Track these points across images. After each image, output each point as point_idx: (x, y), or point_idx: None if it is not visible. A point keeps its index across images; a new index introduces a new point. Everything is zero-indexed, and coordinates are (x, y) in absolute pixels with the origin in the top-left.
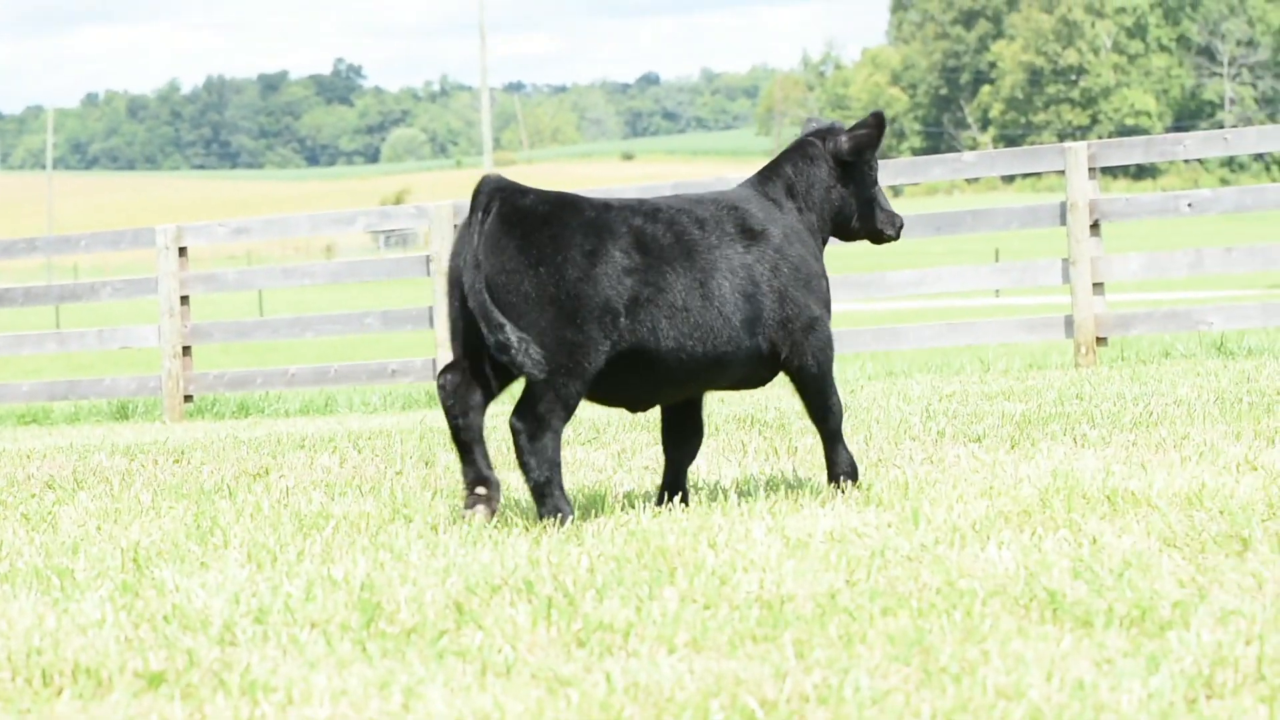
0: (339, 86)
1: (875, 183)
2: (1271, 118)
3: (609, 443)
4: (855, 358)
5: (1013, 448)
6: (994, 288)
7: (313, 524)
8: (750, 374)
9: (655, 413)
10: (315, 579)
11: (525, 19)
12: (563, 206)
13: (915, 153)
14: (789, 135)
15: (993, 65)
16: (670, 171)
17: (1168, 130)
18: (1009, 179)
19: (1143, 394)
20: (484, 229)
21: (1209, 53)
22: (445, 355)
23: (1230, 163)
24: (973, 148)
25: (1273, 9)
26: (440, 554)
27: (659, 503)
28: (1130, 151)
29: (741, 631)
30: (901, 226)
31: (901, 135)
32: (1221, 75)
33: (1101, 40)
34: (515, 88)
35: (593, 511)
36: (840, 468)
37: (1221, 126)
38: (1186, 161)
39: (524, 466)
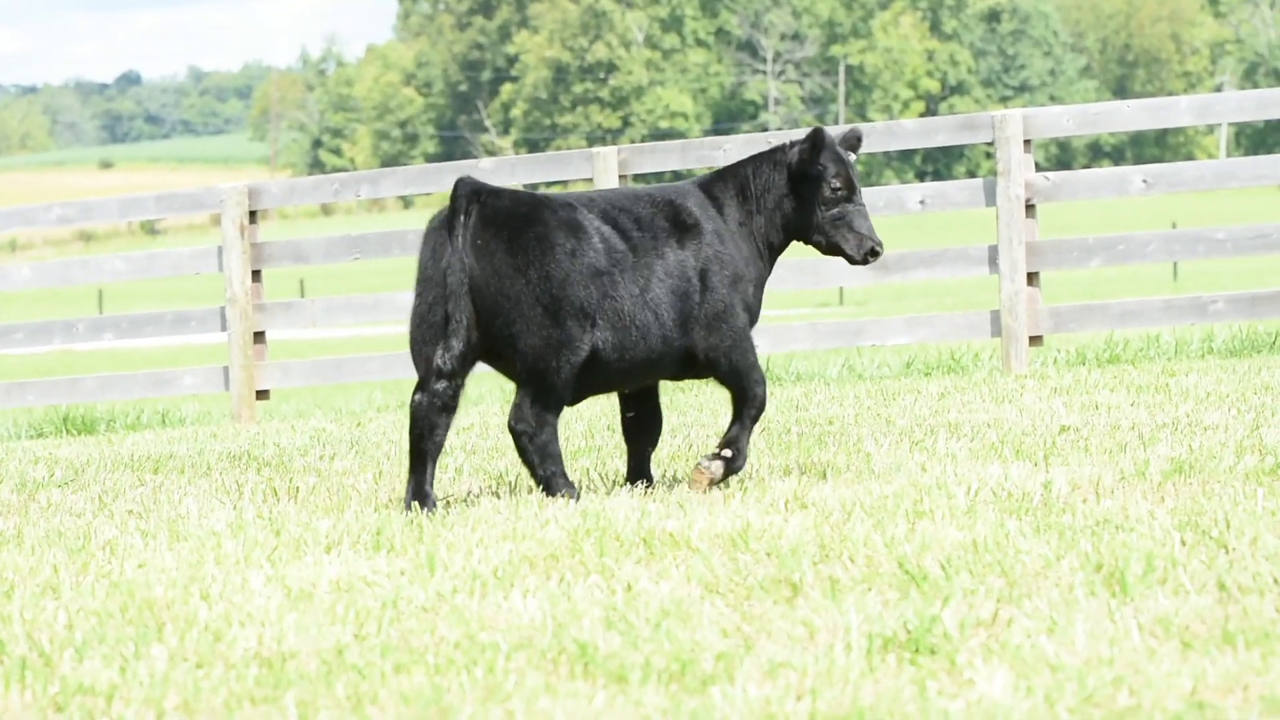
0: None
1: (844, 201)
2: (819, 119)
3: (89, 484)
4: (362, 387)
5: (538, 486)
6: None
7: None
8: (682, 367)
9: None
10: None
11: None
12: (539, 206)
13: (430, 159)
14: (287, 139)
15: (513, 60)
16: (155, 180)
17: (706, 133)
18: (532, 187)
19: (681, 425)
20: (467, 232)
21: (751, 48)
22: None
23: None
24: (492, 153)
25: (820, 0)
26: None
27: (631, 485)
28: (665, 157)
29: (239, 692)
30: (873, 252)
31: (415, 140)
32: (765, 73)
33: (633, 34)
34: None
35: (72, 562)
36: (731, 448)
37: (765, 129)
38: None
39: (529, 465)
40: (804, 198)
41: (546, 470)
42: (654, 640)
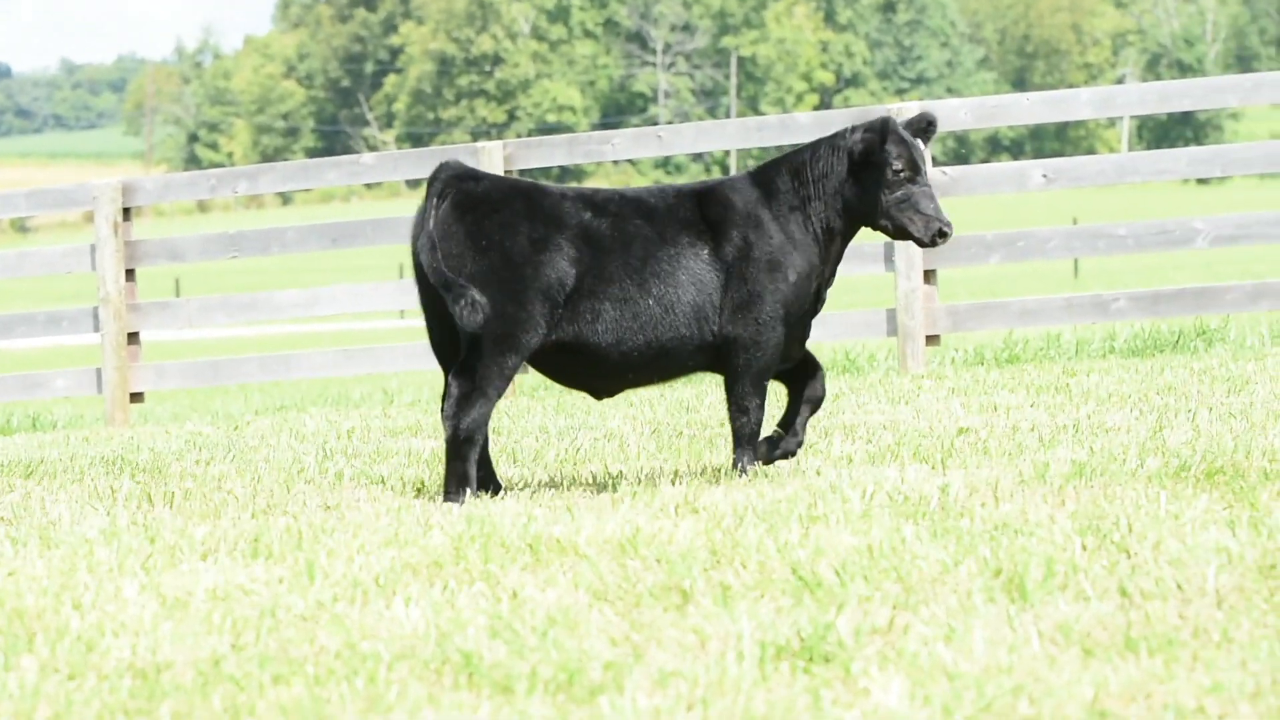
0: None
1: (907, 183)
2: (711, 112)
3: None
4: (240, 389)
5: (421, 491)
6: (398, 308)
7: None
8: (711, 361)
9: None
10: None
11: None
12: (515, 194)
13: (311, 154)
14: (162, 134)
15: (396, 53)
16: (26, 176)
17: (594, 127)
18: (414, 184)
19: (569, 427)
20: (438, 215)
21: (640, 40)
22: None
23: (666, 163)
24: (374, 148)
25: None
26: None
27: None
28: (552, 151)
29: (112, 704)
30: (941, 233)
31: (296, 134)
32: (655, 65)
33: (519, 25)
34: None
35: None
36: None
37: (655, 123)
38: (616, 163)
39: (449, 418)
40: (865, 183)
41: (464, 433)
42: (540, 649)
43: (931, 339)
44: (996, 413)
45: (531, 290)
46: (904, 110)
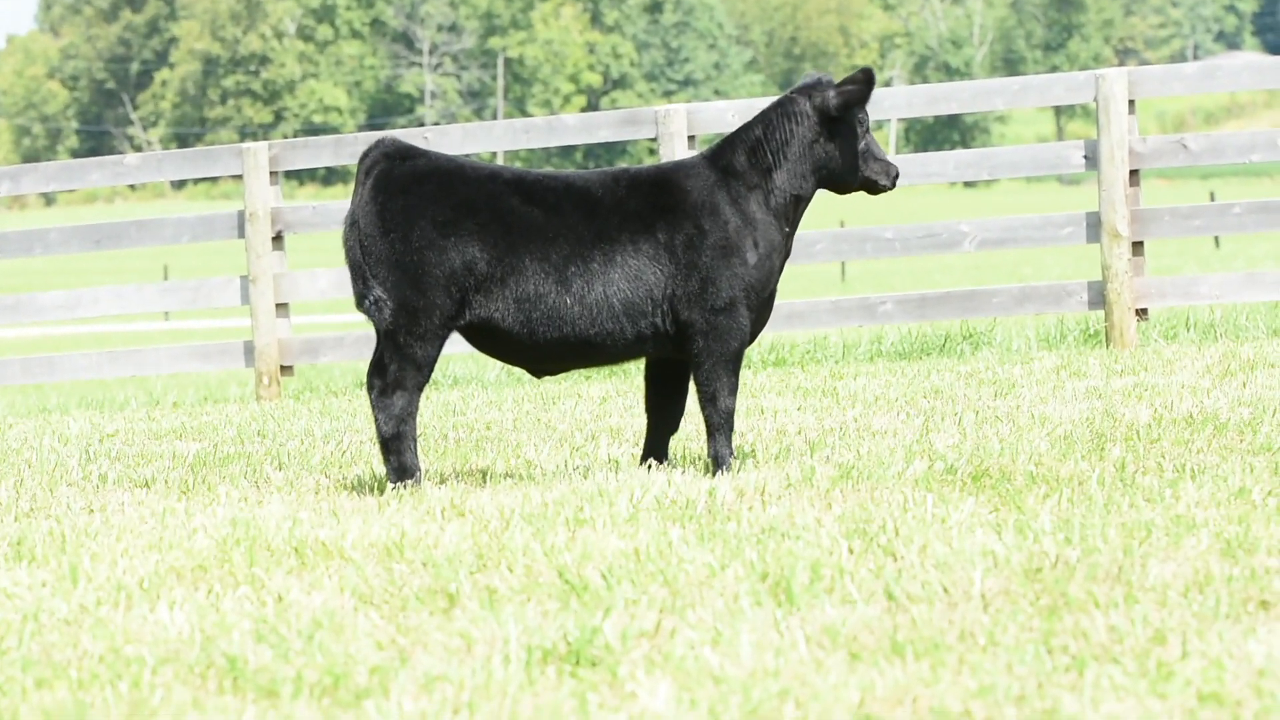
0: None
1: (867, 133)
2: (477, 113)
3: None
4: (3, 392)
5: (186, 493)
6: (163, 310)
7: None
8: (658, 349)
9: None
10: None
11: None
12: (431, 175)
13: (75, 155)
14: None
15: (162, 53)
16: None
17: (361, 128)
18: (180, 185)
19: (335, 430)
20: (361, 194)
21: (407, 40)
22: None
23: None
24: (139, 149)
25: None
26: None
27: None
28: (318, 153)
29: None
30: (897, 176)
31: (59, 135)
32: (421, 66)
33: (285, 24)
34: None
35: None
36: (719, 468)
37: (422, 124)
38: None
39: (375, 421)
40: (842, 140)
41: (388, 431)
42: (306, 653)
43: None
44: (763, 416)
45: (434, 276)
46: (670, 113)
